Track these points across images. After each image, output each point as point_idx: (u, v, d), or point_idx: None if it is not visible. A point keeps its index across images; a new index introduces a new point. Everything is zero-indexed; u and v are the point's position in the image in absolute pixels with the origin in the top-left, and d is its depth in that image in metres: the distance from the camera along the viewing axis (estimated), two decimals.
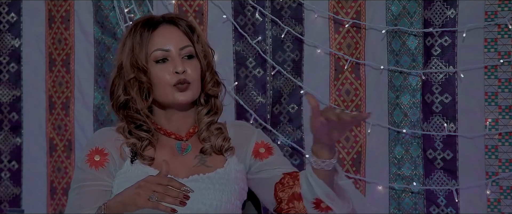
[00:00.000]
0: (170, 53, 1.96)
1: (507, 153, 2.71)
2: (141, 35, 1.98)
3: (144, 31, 1.98)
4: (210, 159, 2.02)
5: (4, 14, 3.15)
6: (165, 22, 2.01)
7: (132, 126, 2.00)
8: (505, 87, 2.70)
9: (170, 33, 1.99)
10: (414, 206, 2.82)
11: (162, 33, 1.98)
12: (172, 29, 2.00)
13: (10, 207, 3.14)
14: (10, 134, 3.16)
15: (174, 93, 1.96)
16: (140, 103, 1.98)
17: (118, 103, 2.01)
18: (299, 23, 2.89)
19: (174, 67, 1.95)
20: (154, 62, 1.97)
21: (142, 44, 1.97)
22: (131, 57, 1.97)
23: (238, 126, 2.09)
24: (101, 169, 1.97)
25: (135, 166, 1.98)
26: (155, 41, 1.97)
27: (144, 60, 1.96)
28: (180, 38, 1.99)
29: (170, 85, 1.95)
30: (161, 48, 1.97)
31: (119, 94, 2.00)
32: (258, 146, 2.04)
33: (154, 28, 1.99)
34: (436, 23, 2.75)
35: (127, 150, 2.00)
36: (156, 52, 1.96)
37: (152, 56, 1.96)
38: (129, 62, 1.98)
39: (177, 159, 2.01)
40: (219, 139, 2.03)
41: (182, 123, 2.02)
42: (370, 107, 2.86)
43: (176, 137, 2.02)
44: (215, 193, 1.95)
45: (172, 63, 1.96)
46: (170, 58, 1.97)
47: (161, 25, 2.00)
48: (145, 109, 1.99)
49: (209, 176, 1.98)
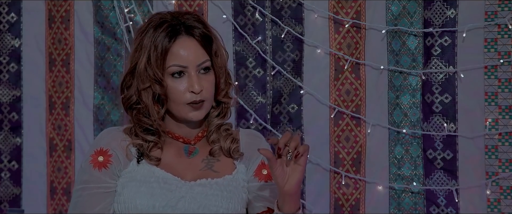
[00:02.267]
0: (187, 69, 1.94)
1: (507, 153, 2.71)
2: (159, 45, 1.94)
3: (163, 40, 1.94)
4: (217, 164, 2.01)
5: (4, 14, 3.15)
6: (184, 32, 1.96)
7: (139, 129, 1.99)
8: (505, 87, 2.70)
9: (189, 47, 1.95)
10: (414, 206, 2.82)
11: (181, 46, 1.94)
12: (190, 42, 1.95)
13: (10, 207, 3.14)
14: (10, 134, 3.16)
15: (188, 112, 1.94)
16: (153, 113, 1.97)
17: (129, 103, 2.00)
18: (299, 23, 2.89)
19: (190, 86, 1.93)
20: (170, 75, 1.94)
21: (159, 56, 1.93)
22: (148, 66, 1.94)
23: (251, 136, 2.08)
24: (104, 170, 1.97)
25: (141, 166, 1.97)
26: (173, 55, 1.93)
27: (160, 73, 1.93)
28: (198, 53, 1.95)
29: (185, 103, 1.94)
30: (179, 64, 1.94)
31: (131, 94, 1.98)
32: (264, 167, 2.03)
33: (174, 39, 1.94)
34: (436, 23, 2.75)
35: (134, 150, 1.99)
36: (173, 67, 1.94)
37: (169, 70, 1.94)
38: (146, 71, 1.95)
39: (184, 161, 2.00)
40: (228, 140, 2.01)
41: (192, 129, 2.01)
42: (370, 107, 2.86)
43: (184, 141, 2.01)
44: (222, 200, 1.94)
45: (188, 80, 1.93)
46: (187, 73, 1.94)
47: (180, 37, 1.95)
48: (158, 120, 1.97)
49: (217, 181, 1.96)
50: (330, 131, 2.89)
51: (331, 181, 2.89)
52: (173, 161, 1.98)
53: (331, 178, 2.89)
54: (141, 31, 1.98)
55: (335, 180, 2.89)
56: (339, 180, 2.88)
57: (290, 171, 1.80)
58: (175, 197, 1.90)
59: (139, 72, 1.95)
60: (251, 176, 2.00)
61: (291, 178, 1.81)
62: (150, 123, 1.97)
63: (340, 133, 2.88)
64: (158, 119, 1.96)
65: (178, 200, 1.90)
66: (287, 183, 1.81)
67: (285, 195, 1.83)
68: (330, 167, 2.88)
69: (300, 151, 1.79)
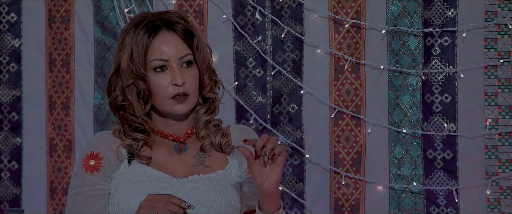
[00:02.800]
0: (169, 63, 1.95)
1: (507, 153, 2.71)
2: (140, 41, 1.96)
3: (144, 36, 1.96)
4: (209, 159, 2.02)
5: (4, 14, 3.15)
6: (165, 27, 1.98)
7: (128, 128, 2.00)
8: (505, 87, 2.70)
9: (169, 41, 1.97)
10: (414, 206, 2.82)
11: (162, 40, 1.96)
12: (171, 36, 1.97)
13: (10, 207, 3.14)
14: (10, 134, 3.16)
15: (173, 105, 1.95)
16: (138, 110, 1.98)
17: (115, 103, 2.01)
18: (299, 23, 2.89)
19: (173, 79, 1.94)
20: (153, 70, 1.96)
21: (141, 52, 1.95)
22: (131, 63, 1.96)
23: (242, 131, 2.09)
24: (97, 173, 1.98)
25: (133, 166, 1.98)
26: (154, 50, 1.95)
27: (143, 68, 1.94)
28: (179, 46, 1.97)
29: (168, 97, 1.95)
30: (160, 58, 1.95)
31: (116, 94, 2.00)
32: None
33: (154, 35, 1.96)
34: (436, 23, 2.75)
35: (124, 151, 2.00)
36: (155, 62, 1.95)
37: (151, 65, 1.95)
38: (128, 67, 1.96)
39: (175, 159, 2.00)
40: (218, 135, 2.02)
41: (180, 126, 2.02)
42: (370, 107, 2.87)
43: (173, 139, 2.02)
44: (215, 195, 1.94)
45: (171, 74, 1.94)
46: (169, 67, 1.95)
47: (161, 32, 1.97)
48: (143, 116, 1.98)
49: (209, 176, 1.97)
50: (330, 131, 2.89)
51: (331, 181, 2.89)
52: (164, 159, 1.99)
53: (331, 178, 2.89)
54: (123, 31, 2.00)
55: (335, 180, 2.89)
56: (339, 180, 2.88)
57: (269, 171, 1.82)
58: None
59: (122, 70, 1.96)
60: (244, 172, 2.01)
61: (270, 178, 1.82)
62: (137, 120, 1.98)
63: (340, 133, 2.88)
64: (143, 115, 1.97)
65: None
66: (265, 182, 1.82)
67: (264, 194, 1.84)
68: (330, 167, 2.88)
69: (276, 151, 1.80)
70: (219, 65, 2.81)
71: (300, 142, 2.91)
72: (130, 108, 1.98)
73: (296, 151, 2.91)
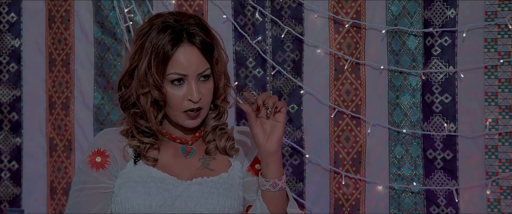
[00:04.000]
0: (188, 78, 1.94)
1: (507, 153, 2.71)
2: (161, 51, 1.93)
3: (165, 47, 1.92)
4: (213, 162, 2.01)
5: (4, 14, 3.15)
6: (187, 40, 1.95)
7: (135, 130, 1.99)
8: (505, 87, 2.70)
9: (190, 56, 1.94)
10: (414, 206, 2.82)
11: (183, 54, 1.93)
12: (192, 51, 1.94)
13: (10, 207, 3.14)
14: (10, 134, 3.16)
15: (184, 119, 1.95)
16: (151, 118, 1.97)
17: (127, 103, 2.00)
18: (299, 23, 2.89)
19: (189, 94, 1.92)
20: (170, 82, 1.94)
21: (160, 63, 1.93)
22: (148, 71, 1.94)
23: (243, 133, 2.08)
24: (102, 171, 1.97)
25: (138, 166, 1.98)
26: (174, 62, 1.92)
27: (160, 79, 1.93)
28: (199, 61, 1.94)
29: (182, 111, 1.94)
30: (179, 72, 1.93)
31: (129, 94, 1.98)
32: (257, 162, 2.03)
33: (177, 47, 1.93)
34: (436, 23, 2.75)
35: (130, 151, 1.99)
36: (173, 75, 1.93)
37: (169, 77, 1.93)
38: (145, 75, 1.94)
39: (181, 161, 2.00)
40: (223, 139, 2.02)
41: (189, 130, 2.02)
42: (370, 107, 2.87)
43: (181, 141, 2.02)
44: (218, 198, 1.94)
45: (188, 88, 1.93)
46: (187, 82, 1.94)
47: (183, 44, 1.94)
48: (155, 125, 1.97)
49: (213, 180, 1.97)
50: (330, 131, 2.89)
51: (331, 181, 2.89)
52: (170, 161, 1.98)
53: (331, 178, 2.89)
54: (143, 32, 1.96)
55: (335, 180, 2.89)
56: (339, 180, 2.88)
57: (270, 129, 1.83)
58: (171, 196, 1.90)
59: (139, 76, 1.95)
60: (245, 172, 2.01)
61: (272, 136, 1.83)
62: (147, 125, 1.98)
63: (340, 133, 2.88)
64: (155, 124, 1.97)
65: (175, 199, 1.90)
66: (268, 140, 1.83)
67: (267, 155, 1.84)
68: (330, 167, 2.88)
69: (278, 106, 1.81)
70: None
71: (300, 142, 2.91)
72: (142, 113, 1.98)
73: (296, 151, 2.91)
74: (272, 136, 1.83)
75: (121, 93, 2.00)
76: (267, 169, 1.86)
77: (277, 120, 1.83)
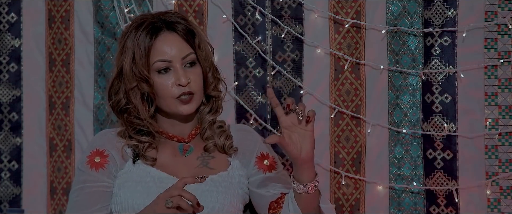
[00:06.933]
0: (172, 64, 1.95)
1: (507, 153, 2.71)
2: (142, 43, 1.95)
3: (145, 38, 1.95)
4: (212, 161, 2.02)
5: (4, 14, 3.15)
6: (165, 28, 1.98)
7: (132, 131, 2.00)
8: (505, 87, 2.70)
9: (172, 41, 1.97)
10: (414, 206, 2.82)
11: (164, 41, 1.96)
12: (173, 37, 1.97)
13: (10, 207, 3.14)
14: (10, 134, 3.16)
15: (178, 105, 1.96)
16: (143, 112, 1.98)
17: (119, 107, 2.01)
18: (299, 23, 2.89)
19: (177, 79, 1.94)
20: (156, 72, 1.95)
21: (143, 54, 1.95)
22: (133, 66, 1.95)
23: (242, 131, 2.10)
24: (102, 170, 1.98)
25: (137, 166, 1.98)
26: (156, 51, 1.95)
27: (146, 71, 1.94)
28: (181, 46, 1.97)
29: (174, 97, 1.95)
30: (163, 59, 1.95)
31: (119, 98, 2.00)
32: (264, 158, 2.04)
33: (155, 36, 1.96)
34: (436, 23, 2.75)
35: (129, 151, 2.00)
36: (158, 63, 1.95)
37: (154, 67, 1.95)
38: (131, 70, 1.96)
39: (179, 159, 2.01)
40: (222, 137, 2.03)
41: (185, 127, 2.02)
42: (370, 107, 2.87)
43: (178, 140, 2.02)
44: (218, 196, 1.95)
45: (175, 74, 1.94)
46: (173, 68, 1.95)
47: (162, 33, 1.97)
48: (148, 119, 1.98)
49: (212, 178, 1.98)
50: (330, 131, 2.89)
51: (331, 181, 2.89)
52: (169, 161, 1.99)
53: (331, 178, 2.89)
54: (124, 34, 1.99)
55: (335, 180, 2.89)
56: (339, 180, 2.88)
57: (300, 139, 1.84)
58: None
59: (125, 73, 1.96)
60: (254, 170, 2.02)
61: (305, 145, 1.85)
62: (141, 123, 1.98)
63: (340, 133, 2.88)
64: (148, 118, 1.97)
65: None
66: (302, 151, 1.84)
67: (303, 163, 1.86)
68: (330, 167, 2.88)
69: (310, 115, 1.83)
70: (219, 65, 2.78)
71: None
72: (134, 111, 1.99)
73: None
74: (305, 146, 1.85)
75: (112, 101, 2.01)
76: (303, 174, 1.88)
77: (307, 129, 1.84)
